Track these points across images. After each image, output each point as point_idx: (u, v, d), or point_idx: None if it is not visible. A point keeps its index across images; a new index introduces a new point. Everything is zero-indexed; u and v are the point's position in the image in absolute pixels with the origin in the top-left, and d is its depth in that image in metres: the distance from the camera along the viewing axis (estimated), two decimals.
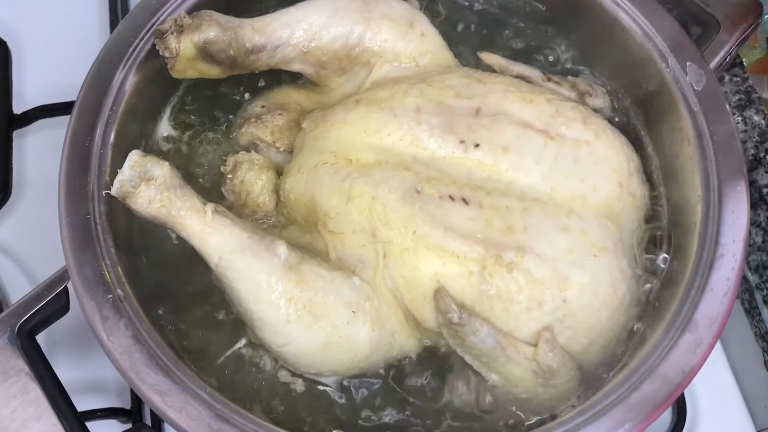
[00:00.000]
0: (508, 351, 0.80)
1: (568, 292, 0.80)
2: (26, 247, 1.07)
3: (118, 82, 0.86)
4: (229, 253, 0.78)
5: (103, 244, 0.78)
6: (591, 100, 0.94)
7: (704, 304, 0.77)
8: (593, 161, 0.86)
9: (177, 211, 0.78)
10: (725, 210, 0.81)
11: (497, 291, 0.80)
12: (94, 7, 1.22)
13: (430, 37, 0.94)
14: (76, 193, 0.80)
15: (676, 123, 0.88)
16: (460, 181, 0.84)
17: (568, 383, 0.82)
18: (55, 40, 1.20)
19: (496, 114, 0.86)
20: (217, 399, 0.73)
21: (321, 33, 0.90)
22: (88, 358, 0.99)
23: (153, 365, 0.73)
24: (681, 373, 0.74)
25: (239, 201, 0.89)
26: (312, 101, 0.95)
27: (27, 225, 1.08)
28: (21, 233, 1.08)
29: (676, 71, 0.88)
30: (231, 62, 0.88)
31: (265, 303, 0.77)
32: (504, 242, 0.80)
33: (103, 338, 0.74)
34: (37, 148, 1.13)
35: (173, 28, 0.85)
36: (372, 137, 0.86)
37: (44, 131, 1.13)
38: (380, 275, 0.82)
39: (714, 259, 0.79)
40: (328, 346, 0.79)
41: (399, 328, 0.83)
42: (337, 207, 0.83)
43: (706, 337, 0.75)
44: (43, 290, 0.79)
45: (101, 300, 0.75)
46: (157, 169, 0.78)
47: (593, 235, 0.82)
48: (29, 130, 1.13)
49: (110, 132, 0.84)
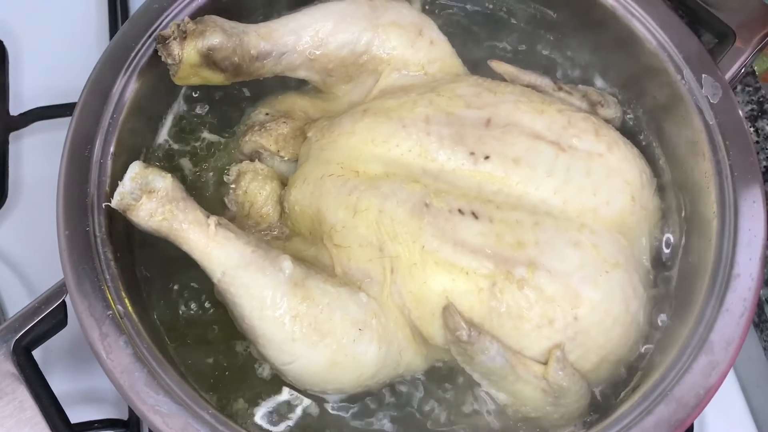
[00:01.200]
0: (518, 370, 0.78)
1: (580, 309, 0.78)
2: (23, 252, 1.04)
3: (119, 89, 0.83)
4: (233, 268, 0.76)
5: (103, 257, 0.76)
6: (602, 110, 0.92)
7: (720, 325, 0.75)
8: (606, 174, 0.84)
9: (179, 224, 0.76)
10: (741, 227, 0.79)
11: (507, 308, 0.78)
12: (93, 8, 1.19)
13: (439, 45, 0.92)
14: (75, 205, 0.78)
15: (691, 136, 0.86)
16: (470, 194, 0.82)
17: (579, 402, 0.80)
18: (54, 41, 1.17)
19: (506, 125, 0.84)
20: (220, 421, 0.71)
21: (328, 40, 0.88)
22: (86, 368, 0.97)
23: (154, 384, 0.71)
24: (696, 396, 0.72)
25: (242, 212, 0.87)
26: (317, 109, 0.93)
27: (24, 229, 1.06)
28: (18, 238, 1.05)
29: (692, 83, 0.86)
30: (235, 69, 0.85)
31: (270, 320, 0.75)
32: (515, 258, 0.78)
33: (102, 356, 0.72)
34: (35, 150, 1.11)
35: (176, 34, 0.82)
36: (380, 148, 0.83)
37: (42, 133, 1.10)
38: (387, 291, 0.80)
39: (730, 278, 0.77)
40: (334, 365, 0.77)
41: (406, 345, 0.81)
42: (344, 220, 0.81)
43: (722, 360, 0.74)
44: (41, 304, 0.76)
45: (100, 316, 0.73)
46: (159, 181, 0.76)
47: (605, 250, 0.80)
48: (26, 132, 1.11)
49: (111, 141, 0.81)
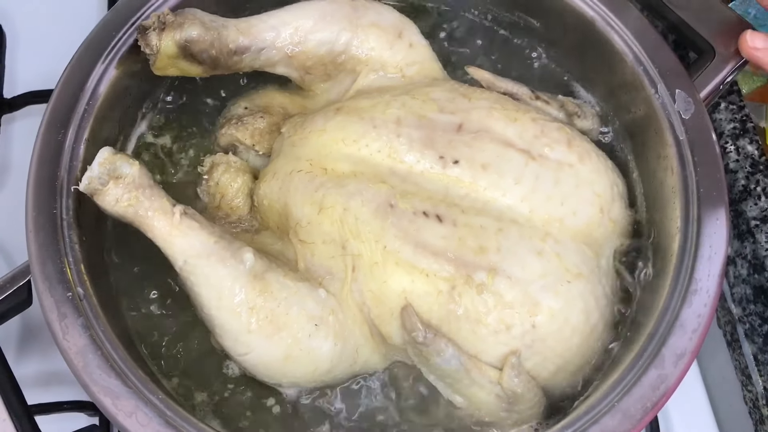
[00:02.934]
0: (473, 373, 0.79)
1: (539, 317, 0.78)
2: (7, 234, 1.06)
3: (96, 75, 0.85)
4: (195, 257, 0.77)
5: (68, 240, 0.77)
6: (579, 121, 0.92)
7: (673, 339, 0.75)
8: (575, 184, 0.84)
9: (144, 211, 0.77)
10: (703, 244, 0.79)
11: (465, 312, 0.78)
12: None
13: (418, 48, 0.92)
14: (45, 186, 0.79)
15: (662, 150, 0.86)
16: (436, 197, 0.82)
17: (532, 410, 0.81)
18: (51, 25, 1.19)
19: (478, 131, 0.85)
20: (169, 406, 0.72)
21: (307, 37, 0.89)
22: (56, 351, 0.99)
23: (106, 367, 0.72)
24: (642, 409, 0.72)
25: (213, 203, 0.88)
26: (296, 105, 0.94)
27: (8, 210, 1.07)
28: (3, 218, 1.07)
29: (665, 98, 0.87)
30: (213, 62, 0.87)
31: (227, 310, 0.76)
32: (476, 262, 0.79)
33: (58, 336, 0.73)
34: (25, 134, 1.12)
35: (156, 25, 0.84)
36: (350, 147, 0.84)
37: (33, 117, 1.12)
38: (348, 288, 0.81)
39: (687, 293, 0.77)
40: (288, 358, 0.78)
41: (363, 342, 0.82)
42: (309, 216, 0.82)
43: (672, 374, 0.74)
44: (5, 283, 0.78)
45: (60, 297, 0.74)
46: (127, 167, 0.77)
47: (569, 260, 0.81)
48: (18, 116, 1.12)
49: (85, 126, 0.83)
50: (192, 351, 0.84)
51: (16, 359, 0.97)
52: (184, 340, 0.85)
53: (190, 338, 0.85)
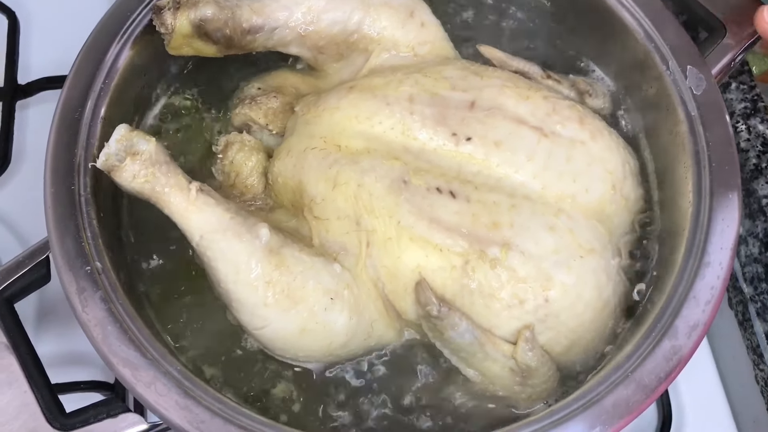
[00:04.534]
0: (487, 347, 0.80)
1: (552, 292, 0.79)
2: (22, 216, 1.07)
3: (112, 55, 0.85)
4: (211, 232, 0.78)
5: (86, 216, 0.78)
6: (590, 100, 0.92)
7: (686, 311, 0.76)
8: (587, 161, 0.84)
9: (161, 187, 0.78)
10: (715, 217, 0.80)
11: (479, 286, 0.79)
12: None
13: (430, 27, 0.93)
14: (63, 164, 0.80)
15: (673, 127, 0.86)
16: (449, 174, 0.83)
17: (546, 384, 0.81)
18: (64, 11, 1.20)
19: (490, 108, 0.85)
20: (187, 377, 0.72)
21: (319, 17, 0.89)
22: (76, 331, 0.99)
23: (125, 339, 0.73)
24: (657, 379, 0.73)
25: (228, 182, 0.89)
26: (308, 85, 0.95)
27: (24, 194, 1.08)
28: (18, 202, 1.08)
29: (677, 74, 0.87)
30: (227, 41, 0.87)
31: (243, 284, 0.77)
32: (489, 237, 0.79)
33: (78, 309, 0.74)
34: (39, 119, 1.13)
35: (170, 4, 0.84)
36: (363, 124, 0.85)
37: (47, 103, 1.13)
38: (362, 264, 0.81)
39: (700, 266, 0.78)
40: (304, 332, 0.78)
41: (378, 317, 0.82)
42: (323, 193, 0.83)
43: (685, 345, 0.74)
44: (25, 259, 0.79)
45: (79, 271, 0.75)
46: (143, 144, 0.78)
47: (581, 235, 0.81)
48: (32, 102, 1.13)
49: (101, 105, 0.83)
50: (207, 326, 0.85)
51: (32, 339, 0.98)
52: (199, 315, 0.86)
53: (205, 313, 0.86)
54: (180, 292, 0.86)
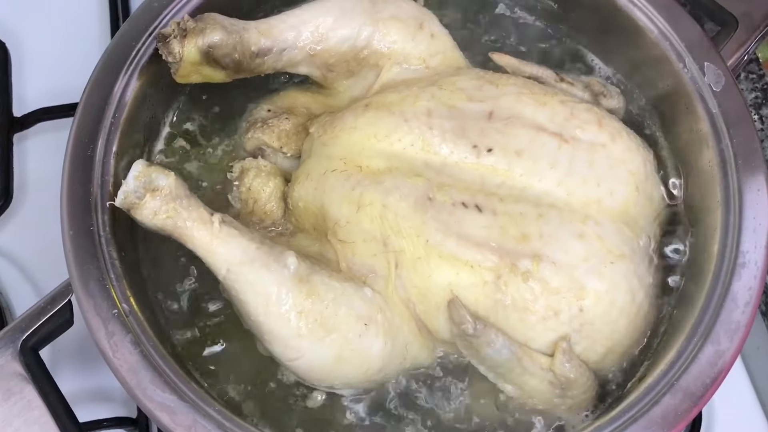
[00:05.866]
0: (524, 362, 0.78)
1: (585, 301, 0.78)
2: (29, 254, 1.05)
3: (120, 87, 0.83)
4: (238, 264, 0.76)
5: (108, 256, 0.76)
6: (605, 100, 0.91)
7: (725, 314, 0.75)
8: (609, 164, 0.84)
9: (183, 222, 0.76)
10: (746, 216, 0.79)
11: (512, 300, 0.78)
12: (94, 7, 1.19)
13: (440, 38, 0.91)
14: (79, 205, 0.78)
15: (694, 125, 0.85)
16: (473, 188, 0.82)
17: (586, 394, 0.80)
18: (55, 41, 1.17)
19: (509, 117, 0.84)
20: (227, 417, 0.71)
21: (328, 35, 0.88)
22: (94, 366, 0.97)
23: (160, 383, 0.71)
24: (702, 386, 0.72)
25: (246, 209, 0.87)
26: (319, 104, 0.93)
27: (29, 231, 1.06)
28: (23, 239, 1.05)
29: (694, 71, 0.86)
30: (236, 66, 0.85)
31: (275, 316, 0.75)
32: (519, 250, 0.78)
33: (108, 355, 0.72)
34: (39, 151, 1.11)
35: (176, 32, 0.82)
36: (382, 143, 0.83)
37: (45, 134, 1.10)
38: (392, 285, 0.80)
39: (735, 267, 0.77)
40: (340, 360, 0.77)
41: (412, 339, 0.81)
42: (348, 215, 0.81)
43: (728, 349, 0.73)
44: (47, 304, 0.76)
45: (106, 315, 0.73)
46: (163, 179, 0.76)
47: (610, 241, 0.80)
48: (30, 134, 1.10)
49: (113, 140, 0.81)
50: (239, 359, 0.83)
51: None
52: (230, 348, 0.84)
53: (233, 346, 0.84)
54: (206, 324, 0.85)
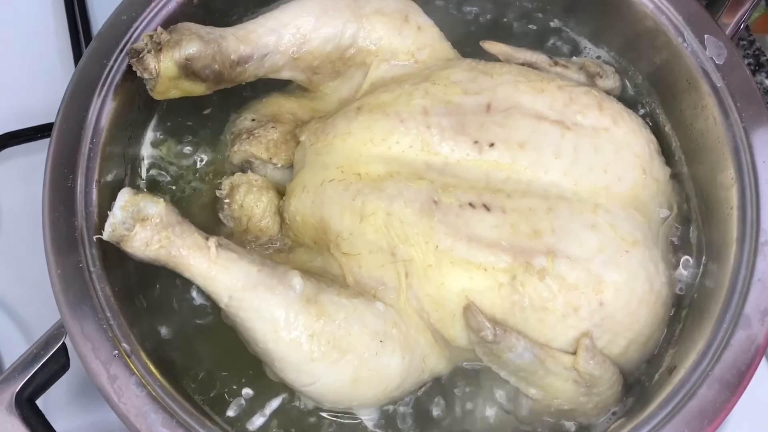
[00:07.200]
0: (547, 363, 0.75)
1: (605, 294, 0.75)
2: (13, 292, 0.99)
3: (95, 110, 0.78)
4: (240, 291, 0.71)
5: (101, 294, 0.71)
6: (602, 81, 0.88)
7: (753, 296, 0.72)
8: (614, 149, 0.81)
9: (178, 250, 0.71)
10: (763, 192, 0.76)
11: (530, 301, 0.75)
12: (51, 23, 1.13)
13: (426, 30, 0.87)
14: (64, 240, 0.72)
15: (699, 101, 0.83)
16: (479, 186, 0.78)
17: (612, 389, 0.78)
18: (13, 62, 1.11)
19: (507, 108, 0.80)
20: None
21: (311, 36, 0.83)
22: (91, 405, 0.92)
23: (173, 425, 0.67)
24: (738, 374, 0.70)
25: (240, 227, 0.82)
26: (306, 109, 0.89)
27: (10, 266, 1.00)
28: (5, 276, 0.99)
29: (694, 45, 0.83)
30: (216, 77, 0.80)
31: (286, 342, 0.71)
32: (532, 247, 0.75)
33: (113, 400, 0.67)
34: (8, 178, 1.05)
35: (150, 46, 0.77)
36: (379, 147, 0.79)
37: (14, 159, 1.04)
38: (404, 296, 0.76)
39: (758, 246, 0.74)
40: (357, 381, 0.73)
41: (429, 351, 0.78)
42: (350, 227, 0.77)
43: (760, 332, 0.71)
44: (39, 350, 0.72)
45: (107, 358, 0.68)
46: (152, 207, 0.71)
47: (623, 229, 0.77)
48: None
49: (93, 168, 0.76)
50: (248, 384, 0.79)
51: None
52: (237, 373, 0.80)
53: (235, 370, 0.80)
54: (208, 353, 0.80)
